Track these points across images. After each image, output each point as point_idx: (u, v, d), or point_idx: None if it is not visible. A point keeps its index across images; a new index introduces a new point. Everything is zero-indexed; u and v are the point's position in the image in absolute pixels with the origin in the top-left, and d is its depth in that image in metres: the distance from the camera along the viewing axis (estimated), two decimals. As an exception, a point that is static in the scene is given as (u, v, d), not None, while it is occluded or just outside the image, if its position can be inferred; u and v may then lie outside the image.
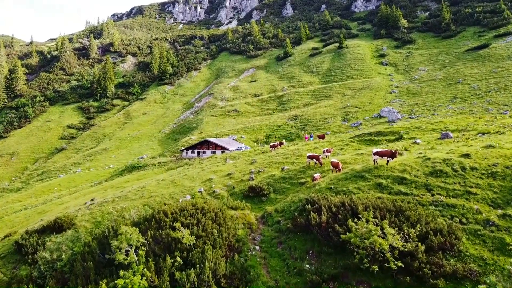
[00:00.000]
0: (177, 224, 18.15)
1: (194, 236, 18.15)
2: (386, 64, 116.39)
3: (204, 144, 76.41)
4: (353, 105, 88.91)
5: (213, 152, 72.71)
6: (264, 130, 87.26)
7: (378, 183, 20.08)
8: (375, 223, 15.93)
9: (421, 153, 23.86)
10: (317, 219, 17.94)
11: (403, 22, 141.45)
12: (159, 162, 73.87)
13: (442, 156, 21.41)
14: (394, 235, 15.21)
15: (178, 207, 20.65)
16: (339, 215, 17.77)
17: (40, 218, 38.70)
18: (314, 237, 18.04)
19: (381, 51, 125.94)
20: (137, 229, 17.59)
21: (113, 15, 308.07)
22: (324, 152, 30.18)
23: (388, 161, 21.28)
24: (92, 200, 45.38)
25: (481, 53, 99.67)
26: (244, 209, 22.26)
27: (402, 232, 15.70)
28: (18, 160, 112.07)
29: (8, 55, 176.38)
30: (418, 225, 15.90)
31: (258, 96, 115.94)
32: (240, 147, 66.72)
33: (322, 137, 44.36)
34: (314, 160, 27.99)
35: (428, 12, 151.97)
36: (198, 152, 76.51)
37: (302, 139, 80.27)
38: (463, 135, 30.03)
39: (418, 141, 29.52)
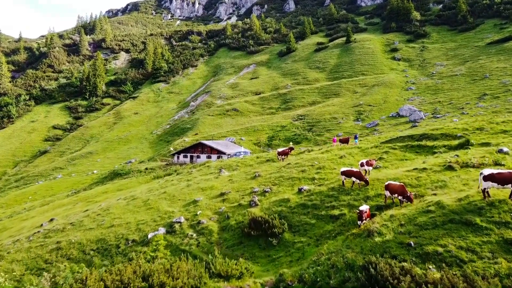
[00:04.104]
0: None
1: None
2: (399, 59, 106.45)
3: (198, 147, 66.57)
4: (366, 103, 79.06)
5: (208, 157, 62.83)
6: (266, 131, 77.38)
7: (508, 240, 10.16)
8: None
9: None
10: (406, 335, 8.09)
11: (415, 14, 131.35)
12: (146, 169, 64.06)
13: None
14: None
15: (117, 281, 10.79)
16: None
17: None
18: None
19: (393, 46, 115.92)
20: None
21: (108, 11, 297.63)
22: (362, 165, 20.15)
23: (513, 192, 11.45)
24: (51, 220, 36.77)
25: (507, 46, 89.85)
26: (242, 277, 12.34)
27: None
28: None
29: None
30: None
31: (259, 94, 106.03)
32: (239, 152, 56.62)
33: (345, 141, 33.75)
34: (353, 178, 17.99)
35: (441, 5, 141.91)
36: (192, 157, 66.62)
37: (310, 142, 70.08)
38: None
39: (504, 149, 19.64)
